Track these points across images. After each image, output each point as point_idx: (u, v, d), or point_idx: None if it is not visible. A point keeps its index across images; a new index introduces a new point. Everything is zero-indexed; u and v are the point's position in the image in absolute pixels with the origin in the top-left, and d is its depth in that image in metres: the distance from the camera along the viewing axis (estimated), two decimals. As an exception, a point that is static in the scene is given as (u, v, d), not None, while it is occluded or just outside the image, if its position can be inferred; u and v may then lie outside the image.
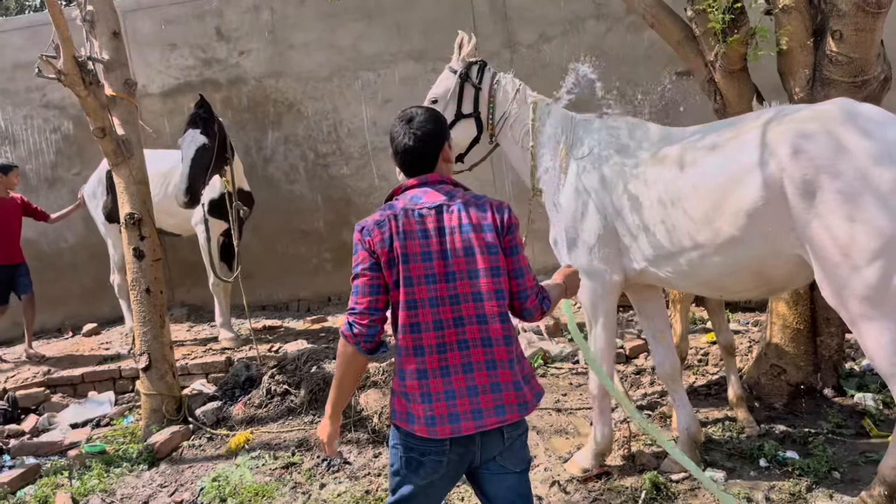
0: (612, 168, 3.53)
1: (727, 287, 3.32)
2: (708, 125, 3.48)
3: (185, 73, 7.83)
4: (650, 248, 3.39)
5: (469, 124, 3.92)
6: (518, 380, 2.29)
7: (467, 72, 3.95)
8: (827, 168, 2.78)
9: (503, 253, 2.32)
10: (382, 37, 7.55)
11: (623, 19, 7.27)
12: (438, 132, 2.42)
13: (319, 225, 7.86)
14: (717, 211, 3.08)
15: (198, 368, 6.17)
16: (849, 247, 2.74)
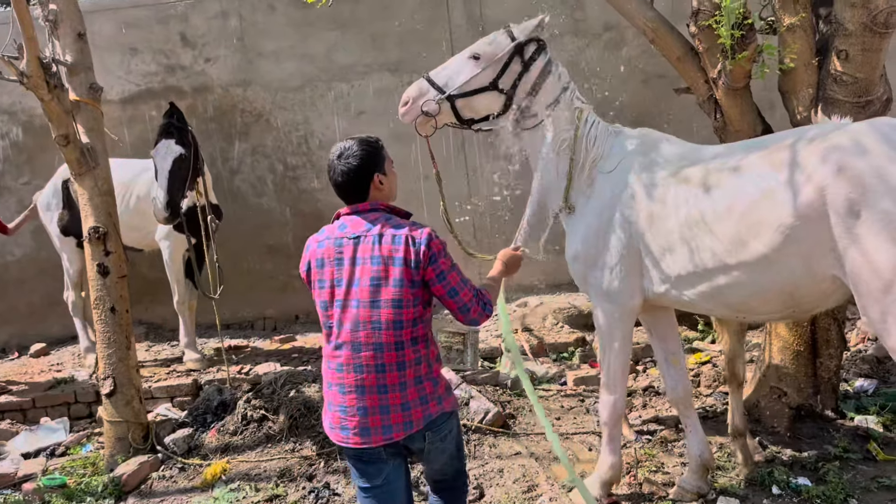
0: (640, 184, 3.34)
1: (755, 309, 3.18)
2: (740, 142, 3.37)
3: (146, 80, 7.45)
4: (676, 269, 3.22)
5: (498, 99, 3.53)
6: (408, 402, 2.52)
7: (524, 44, 3.54)
8: (872, 187, 2.67)
9: (427, 283, 2.54)
10: (357, 47, 7.33)
11: (601, 36, 7.23)
12: (365, 166, 2.61)
13: (288, 240, 7.56)
14: (752, 230, 2.94)
15: (162, 392, 5.81)
16: (894, 272, 2.64)
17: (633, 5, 4.42)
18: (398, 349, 2.51)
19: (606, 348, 3.56)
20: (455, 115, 3.58)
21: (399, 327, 2.51)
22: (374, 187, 2.64)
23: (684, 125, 6.75)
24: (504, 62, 3.50)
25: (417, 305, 2.55)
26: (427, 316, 2.63)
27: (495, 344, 6.11)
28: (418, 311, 2.56)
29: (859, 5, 3.73)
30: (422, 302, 2.58)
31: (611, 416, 3.62)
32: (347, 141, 2.68)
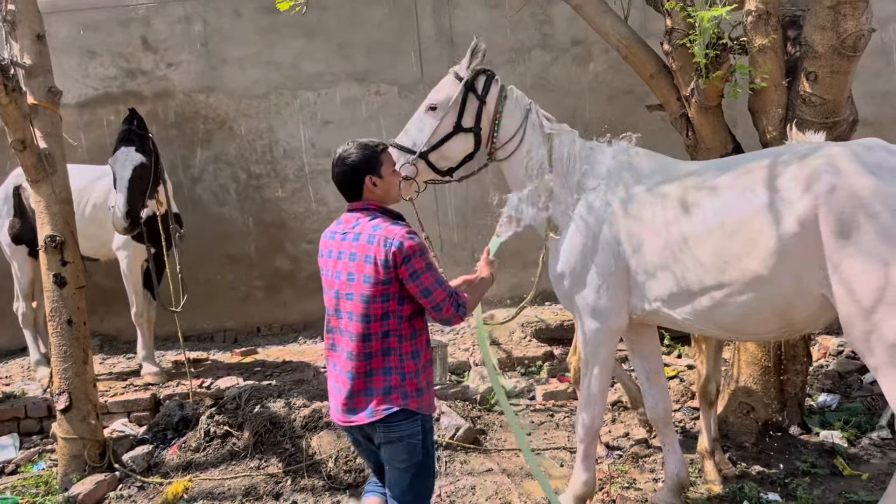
0: (628, 201, 3.33)
1: (748, 329, 3.17)
2: (730, 159, 3.38)
3: (105, 84, 7.24)
4: (667, 288, 3.20)
5: (467, 139, 3.57)
6: (371, 389, 2.71)
7: (473, 81, 3.58)
8: (865, 207, 2.70)
9: (400, 282, 2.68)
10: (324, 56, 7.25)
11: (569, 50, 7.28)
12: (358, 169, 2.77)
13: (250, 250, 7.40)
14: (745, 248, 2.94)
15: (118, 407, 5.61)
16: (881, 291, 2.66)
17: (608, 23, 4.46)
18: (365, 340, 2.71)
19: (589, 366, 3.53)
20: (433, 169, 3.60)
21: (367, 320, 2.70)
22: (366, 188, 2.80)
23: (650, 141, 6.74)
24: (460, 103, 3.54)
25: (388, 301, 2.70)
26: (403, 312, 2.73)
27: (463, 358, 6.07)
28: (388, 306, 2.70)
29: (829, 28, 3.81)
30: (393, 298, 2.71)
31: (588, 432, 3.59)
32: (346, 144, 2.85)
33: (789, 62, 4.21)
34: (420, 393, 2.76)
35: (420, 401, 2.76)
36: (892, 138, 7.32)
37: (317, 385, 5.41)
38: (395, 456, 2.76)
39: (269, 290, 7.42)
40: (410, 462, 2.76)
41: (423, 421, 2.78)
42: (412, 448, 2.75)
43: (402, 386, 2.71)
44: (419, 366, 2.77)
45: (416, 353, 2.77)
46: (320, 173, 7.33)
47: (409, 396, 2.72)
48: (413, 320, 2.78)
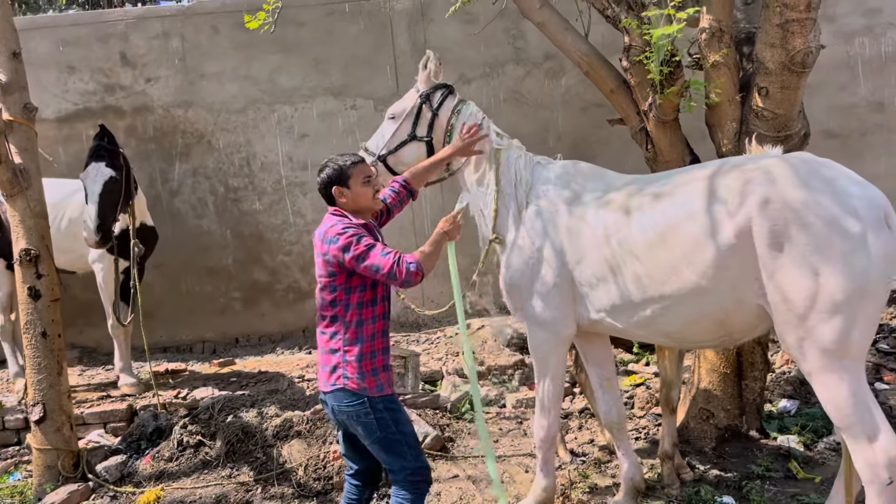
0: (571, 214, 3.46)
1: (688, 337, 3.30)
2: (671, 172, 3.48)
3: (84, 99, 7.32)
4: (610, 298, 3.31)
5: (420, 147, 3.84)
6: (324, 366, 3.11)
7: (429, 94, 3.84)
8: (795, 220, 2.80)
9: (348, 272, 3.02)
10: (300, 70, 7.36)
11: (541, 65, 7.42)
12: (327, 182, 3.18)
13: (228, 262, 7.49)
14: (685, 260, 3.05)
15: (95, 417, 5.65)
16: (812, 300, 2.77)
17: (569, 40, 4.59)
18: (321, 320, 3.14)
19: (541, 374, 3.65)
20: (391, 172, 3.87)
21: (322, 305, 3.12)
22: (335, 195, 3.18)
23: (622, 152, 6.94)
24: (415, 113, 3.84)
25: (336, 291, 3.06)
26: (348, 300, 3.07)
27: (436, 367, 6.16)
28: (336, 295, 3.07)
29: (778, 46, 3.94)
30: (340, 288, 3.06)
31: (545, 438, 3.70)
32: (327, 159, 3.25)
33: (744, 77, 4.35)
34: (363, 376, 3.05)
35: (362, 383, 3.04)
36: (857, 150, 7.54)
37: (290, 395, 5.49)
38: (358, 431, 3.10)
39: (247, 302, 7.50)
40: (372, 438, 3.06)
41: (372, 402, 3.04)
42: (367, 426, 3.05)
43: (343, 368, 3.05)
44: (363, 351, 3.06)
45: (359, 339, 3.07)
46: (297, 186, 7.43)
47: (348, 379, 3.04)
48: (361, 309, 3.09)
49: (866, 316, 2.78)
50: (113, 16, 7.46)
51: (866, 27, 7.47)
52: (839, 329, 2.75)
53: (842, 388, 2.79)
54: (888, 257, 2.76)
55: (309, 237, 7.44)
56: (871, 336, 2.87)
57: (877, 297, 2.80)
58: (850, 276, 2.72)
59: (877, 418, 2.78)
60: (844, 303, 2.73)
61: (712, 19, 4.16)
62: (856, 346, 2.79)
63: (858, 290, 2.73)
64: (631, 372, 5.83)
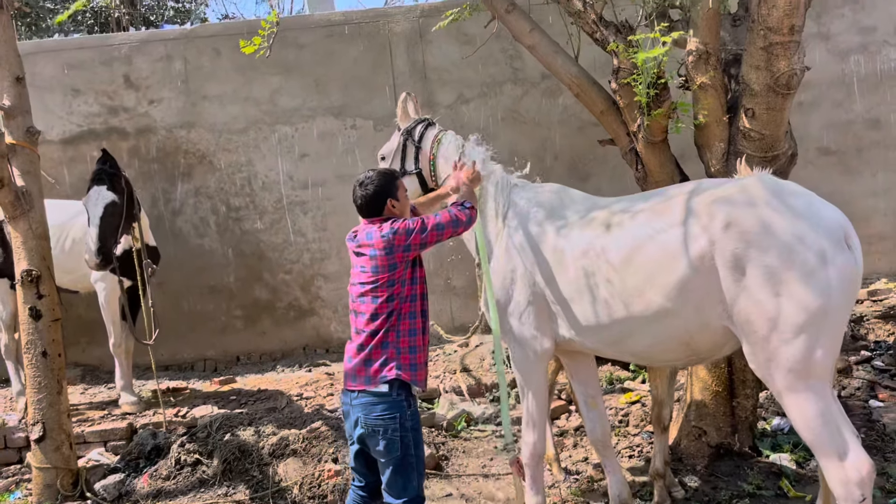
0: (543, 235, 3.56)
1: (655, 357, 3.39)
2: (639, 195, 3.56)
3: (88, 121, 7.45)
4: (578, 318, 3.41)
5: (412, 180, 4.02)
6: (365, 360, 3.16)
7: (410, 130, 4.06)
8: (756, 243, 2.86)
9: (418, 244, 3.17)
10: (301, 91, 7.48)
11: (538, 84, 7.50)
12: (378, 195, 3.26)
13: (229, 281, 7.56)
14: (649, 282, 3.11)
15: (95, 436, 5.71)
16: (775, 321, 2.83)
17: (559, 62, 4.67)
18: (371, 321, 3.20)
19: (524, 390, 3.73)
20: None
21: (374, 300, 3.20)
22: (387, 209, 3.28)
23: (619, 171, 7.02)
24: (401, 149, 4.06)
25: (393, 286, 3.18)
26: (403, 294, 3.21)
27: (434, 385, 6.19)
28: (394, 290, 3.18)
29: (763, 68, 4.00)
30: (398, 281, 3.19)
31: (532, 455, 3.74)
32: (366, 173, 3.34)
33: (732, 98, 4.41)
34: (415, 368, 3.19)
35: (415, 374, 3.19)
36: (854, 166, 7.57)
37: (288, 413, 5.54)
38: (379, 445, 3.17)
39: (248, 320, 7.57)
40: (391, 455, 3.14)
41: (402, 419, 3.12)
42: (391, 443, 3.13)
43: (396, 358, 3.15)
44: (416, 343, 3.22)
45: (414, 332, 3.22)
46: (298, 205, 7.52)
47: (401, 369, 3.14)
48: (414, 302, 3.24)
49: (829, 336, 2.84)
50: (117, 39, 7.60)
51: (861, 45, 7.53)
52: (802, 350, 2.81)
53: (809, 407, 2.84)
54: (849, 277, 2.82)
55: (310, 255, 7.53)
56: (834, 355, 2.92)
57: (839, 317, 2.87)
58: (812, 297, 2.78)
59: (846, 436, 2.82)
60: (807, 323, 2.79)
61: (699, 42, 4.22)
62: (820, 366, 2.84)
63: (820, 311, 2.78)
64: (627, 389, 5.85)
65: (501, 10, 4.76)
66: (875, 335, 6.38)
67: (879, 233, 7.48)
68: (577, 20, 4.56)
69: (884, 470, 4.15)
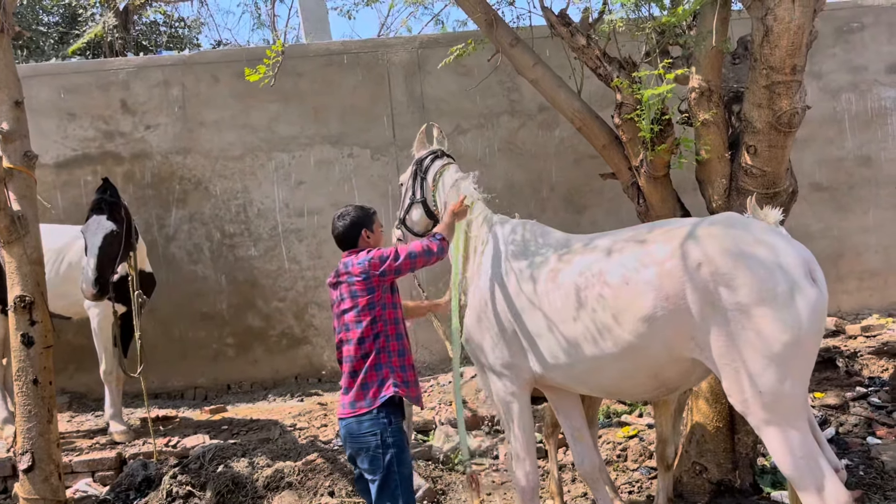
0: (515, 271, 3.63)
1: (625, 391, 3.47)
2: (611, 233, 3.57)
3: (83, 145, 7.41)
4: (546, 355, 3.45)
5: (419, 208, 4.25)
6: (361, 385, 3.30)
7: (422, 160, 4.26)
8: (726, 281, 2.92)
9: (391, 272, 3.35)
10: (299, 119, 7.49)
11: (535, 116, 7.56)
12: (354, 226, 3.52)
13: (222, 308, 7.49)
14: (617, 319, 3.14)
15: (83, 466, 5.59)
16: (746, 356, 2.88)
17: (562, 96, 4.70)
18: (359, 345, 3.38)
19: (508, 424, 3.73)
20: (411, 233, 4.31)
21: (358, 327, 3.39)
22: (362, 239, 3.51)
23: (615, 204, 7.07)
24: (413, 178, 4.25)
25: (375, 308, 3.37)
26: (385, 315, 3.40)
27: (429, 416, 6.13)
28: (376, 312, 3.37)
29: (765, 106, 4.05)
30: (379, 303, 3.37)
31: (524, 491, 3.72)
32: (344, 209, 3.60)
33: (733, 135, 4.45)
34: (409, 384, 3.39)
35: (409, 391, 3.38)
36: (844, 202, 7.65)
37: (282, 444, 5.45)
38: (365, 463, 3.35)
39: (240, 348, 7.49)
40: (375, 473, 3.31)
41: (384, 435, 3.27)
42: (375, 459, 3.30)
43: (393, 376, 3.33)
44: (406, 362, 3.42)
45: (403, 351, 3.41)
46: (293, 232, 7.48)
47: (398, 386, 3.32)
48: (399, 324, 3.44)
49: (799, 368, 2.91)
50: (115, 64, 7.59)
51: (852, 84, 7.66)
52: (773, 383, 2.86)
53: (785, 441, 2.88)
54: (816, 310, 2.88)
55: (304, 283, 7.48)
56: (804, 388, 2.98)
57: (807, 350, 2.93)
58: (781, 331, 2.84)
59: (823, 468, 2.85)
60: (777, 356, 2.85)
61: (701, 79, 4.28)
62: (790, 399, 2.89)
63: (790, 344, 2.84)
64: (624, 423, 5.81)
65: (505, 43, 4.80)
66: (869, 371, 6.39)
67: (871, 269, 7.55)
68: (581, 55, 4.61)
69: (885, 509, 4.13)
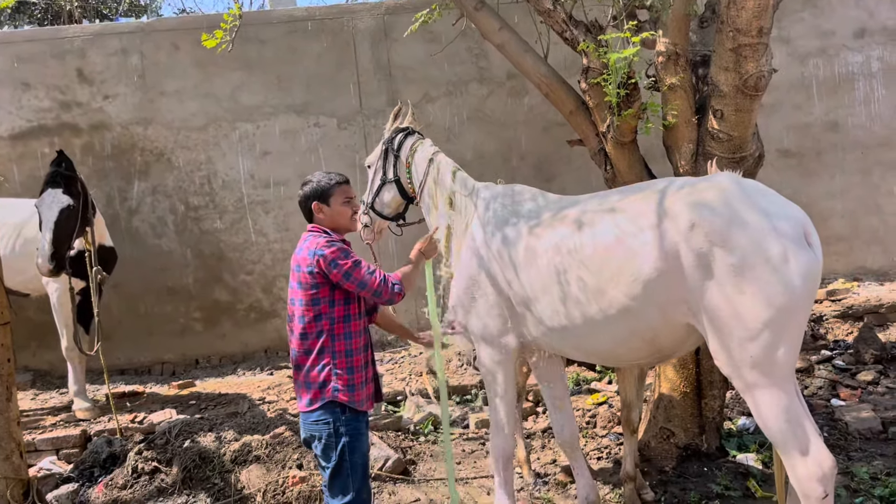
0: (507, 235, 3.55)
1: (620, 356, 3.39)
2: (602, 193, 3.52)
3: (39, 116, 7.18)
4: (542, 319, 3.39)
5: (391, 188, 4.12)
6: (304, 382, 3.16)
7: (391, 139, 4.14)
8: (721, 242, 2.86)
9: (335, 282, 3.11)
10: (262, 88, 7.32)
11: (504, 84, 7.47)
12: (308, 196, 3.29)
13: (188, 282, 7.37)
14: (612, 281, 3.09)
15: (47, 444, 5.49)
16: (740, 318, 2.83)
17: (529, 61, 4.62)
18: (303, 340, 3.18)
19: (491, 392, 3.70)
20: (381, 216, 4.19)
21: (302, 321, 3.17)
22: (314, 213, 3.28)
23: (585, 171, 7.01)
24: (383, 158, 4.13)
25: (320, 304, 3.13)
26: (332, 313, 3.15)
27: (400, 388, 6.11)
28: (321, 308, 3.13)
29: (732, 70, 4.00)
30: (324, 300, 3.13)
31: (500, 459, 3.70)
32: (315, 174, 3.36)
33: (700, 99, 4.41)
34: (353, 388, 3.16)
35: (352, 395, 3.15)
36: (813, 169, 7.68)
37: (250, 418, 5.40)
38: (318, 452, 3.23)
39: (207, 322, 7.39)
40: (326, 461, 3.19)
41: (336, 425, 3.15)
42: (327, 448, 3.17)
43: (334, 380, 3.13)
44: (353, 363, 3.17)
45: (349, 352, 3.17)
46: (259, 204, 7.36)
47: (339, 390, 3.13)
48: (348, 322, 3.18)
49: (792, 332, 2.87)
50: (70, 32, 7.35)
51: (820, 49, 7.66)
52: (766, 346, 2.82)
53: (773, 404, 2.86)
54: (810, 274, 2.84)
55: (271, 255, 7.38)
56: (796, 352, 2.94)
57: (800, 315, 2.89)
58: (774, 295, 2.79)
59: (809, 433, 2.84)
60: (770, 320, 2.80)
61: (668, 42, 4.21)
62: (783, 362, 2.85)
63: (783, 308, 2.80)
64: (594, 391, 5.84)
65: (470, 7, 4.70)
66: (834, 335, 6.49)
67: (837, 234, 7.62)
68: (547, 19, 4.52)
69: (848, 469, 4.19)
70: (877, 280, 7.52)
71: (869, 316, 6.60)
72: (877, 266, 7.67)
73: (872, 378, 5.52)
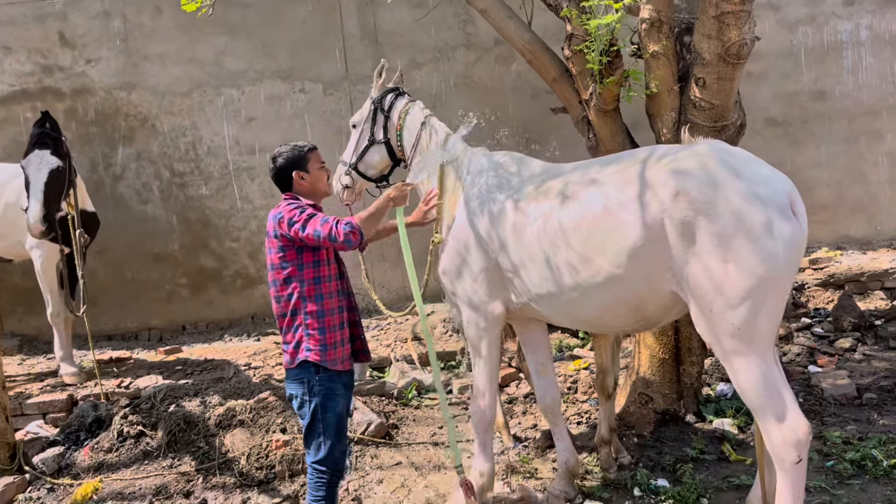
0: (497, 202, 3.55)
1: (606, 323, 3.41)
2: (590, 161, 3.54)
3: (21, 80, 7.11)
4: (530, 285, 3.41)
5: (380, 149, 4.10)
6: (284, 342, 3.29)
7: (381, 99, 4.08)
8: (705, 211, 2.88)
9: (296, 240, 3.15)
10: (247, 53, 7.25)
11: (491, 50, 7.41)
12: (287, 166, 3.33)
13: (174, 248, 7.37)
14: (598, 249, 3.12)
15: (34, 408, 5.52)
16: (722, 286, 2.86)
17: (511, 27, 4.59)
18: (277, 301, 3.29)
19: (475, 356, 3.74)
20: (364, 177, 4.17)
21: (275, 286, 3.28)
22: (295, 181, 3.33)
23: (572, 138, 6.97)
24: (371, 118, 4.08)
25: (288, 267, 3.21)
26: (302, 276, 3.21)
27: (385, 354, 6.16)
28: (290, 271, 3.21)
29: (714, 37, 3.99)
30: (292, 263, 3.20)
31: (481, 422, 3.76)
32: (279, 147, 3.39)
33: (683, 68, 4.39)
34: (325, 348, 3.22)
35: (324, 355, 3.22)
36: (799, 137, 7.68)
37: (235, 383, 5.44)
38: (296, 409, 3.37)
39: (194, 288, 7.41)
40: (302, 418, 3.32)
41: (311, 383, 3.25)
42: (301, 405, 3.29)
43: (306, 340, 3.22)
44: (326, 323, 3.23)
45: (322, 313, 3.22)
46: (245, 171, 7.33)
47: (310, 350, 3.21)
48: (319, 284, 3.23)
49: (773, 302, 2.88)
50: (51, -6, 7.23)
51: (809, 16, 7.62)
52: (748, 314, 2.84)
53: (751, 371, 2.89)
54: (793, 244, 2.85)
55: (257, 222, 7.38)
56: (777, 321, 2.98)
57: (783, 284, 2.90)
58: (758, 264, 2.81)
59: (786, 399, 2.88)
60: (753, 289, 2.82)
61: (652, 9, 4.19)
62: (764, 331, 2.89)
63: (766, 277, 2.82)
64: (576, 357, 5.91)
65: (454, -29, 4.64)
66: (815, 303, 6.56)
67: (821, 203, 7.65)
68: (531, -16, 4.48)
69: (821, 434, 4.28)
70: (860, 249, 7.58)
71: (850, 284, 6.67)
72: (860, 235, 7.73)
73: (850, 345, 5.60)
